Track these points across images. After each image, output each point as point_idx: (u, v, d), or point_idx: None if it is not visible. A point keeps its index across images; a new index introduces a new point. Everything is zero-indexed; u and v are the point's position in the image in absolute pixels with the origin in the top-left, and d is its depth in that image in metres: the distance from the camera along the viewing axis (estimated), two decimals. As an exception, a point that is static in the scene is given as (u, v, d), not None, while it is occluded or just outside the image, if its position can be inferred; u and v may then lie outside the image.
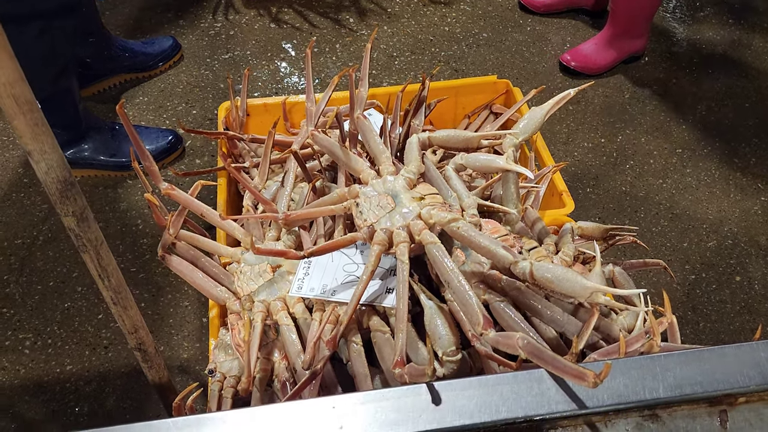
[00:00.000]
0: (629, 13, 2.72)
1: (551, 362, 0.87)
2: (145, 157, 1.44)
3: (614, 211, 2.37)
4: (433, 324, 1.09)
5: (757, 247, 2.27)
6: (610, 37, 2.81)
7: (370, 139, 1.36)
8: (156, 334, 1.97)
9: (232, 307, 1.38)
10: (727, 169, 2.52)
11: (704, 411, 0.86)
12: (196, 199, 1.44)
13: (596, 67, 2.83)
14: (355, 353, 1.21)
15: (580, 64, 2.82)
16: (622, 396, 0.85)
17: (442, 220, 1.14)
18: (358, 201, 1.23)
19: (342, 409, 0.85)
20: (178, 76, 2.80)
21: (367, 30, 3.03)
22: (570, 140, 2.60)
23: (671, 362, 0.88)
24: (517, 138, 1.28)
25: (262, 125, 2.04)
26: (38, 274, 2.12)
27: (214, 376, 1.36)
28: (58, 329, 1.99)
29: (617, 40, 2.80)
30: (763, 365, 0.89)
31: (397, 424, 0.83)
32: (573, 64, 2.83)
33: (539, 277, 1.02)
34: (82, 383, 1.87)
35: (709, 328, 2.05)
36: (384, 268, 1.27)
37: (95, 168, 2.38)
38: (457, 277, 1.06)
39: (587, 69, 2.83)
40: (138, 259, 2.16)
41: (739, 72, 2.93)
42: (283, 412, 0.86)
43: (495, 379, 0.87)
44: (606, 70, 2.87)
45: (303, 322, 1.29)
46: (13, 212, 2.29)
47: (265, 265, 1.37)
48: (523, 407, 0.84)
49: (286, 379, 1.28)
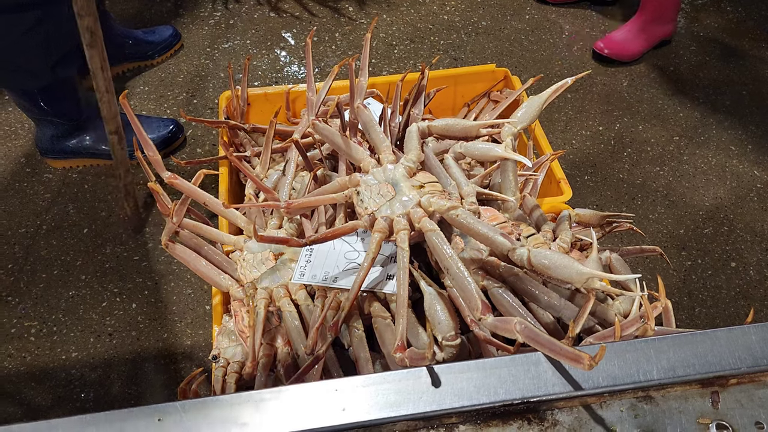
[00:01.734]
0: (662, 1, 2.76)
1: (548, 346, 0.90)
2: (148, 146, 1.46)
3: (612, 198, 2.39)
4: (433, 310, 1.11)
5: (752, 234, 2.29)
6: (642, 24, 2.84)
7: (371, 128, 1.37)
8: (159, 322, 2.00)
9: (235, 294, 1.40)
10: (724, 156, 2.54)
11: (696, 392, 0.88)
12: (199, 188, 1.46)
13: (629, 54, 2.86)
14: (357, 338, 1.23)
15: (613, 52, 2.85)
16: (616, 378, 0.87)
17: (441, 207, 1.17)
18: (359, 189, 1.25)
19: (344, 391, 0.88)
20: (178, 65, 2.81)
21: (367, 19, 3.04)
22: (568, 128, 2.62)
23: (665, 345, 0.91)
24: (516, 127, 1.29)
25: (262, 114, 2.06)
26: (42, 262, 2.14)
27: (218, 361, 1.38)
28: (63, 317, 2.01)
29: (649, 26, 2.83)
30: (753, 348, 0.91)
31: (398, 406, 0.86)
32: (606, 51, 2.85)
33: (537, 263, 1.04)
34: (88, 370, 1.90)
35: (704, 313, 2.08)
36: (384, 255, 1.29)
37: (98, 157, 2.40)
38: (457, 264, 1.08)
39: (621, 56, 2.85)
40: (141, 248, 2.18)
41: (736, 60, 2.94)
42: (288, 394, 0.88)
43: (493, 362, 0.90)
44: (638, 57, 2.90)
45: (305, 309, 1.32)
46: (17, 202, 2.31)
47: (267, 253, 1.39)
48: (520, 389, 0.87)
49: (289, 364, 1.30)
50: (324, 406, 0.86)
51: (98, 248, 2.19)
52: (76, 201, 2.31)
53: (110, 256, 2.17)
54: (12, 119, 2.58)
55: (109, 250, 2.18)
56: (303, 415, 0.85)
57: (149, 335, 1.98)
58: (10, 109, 2.62)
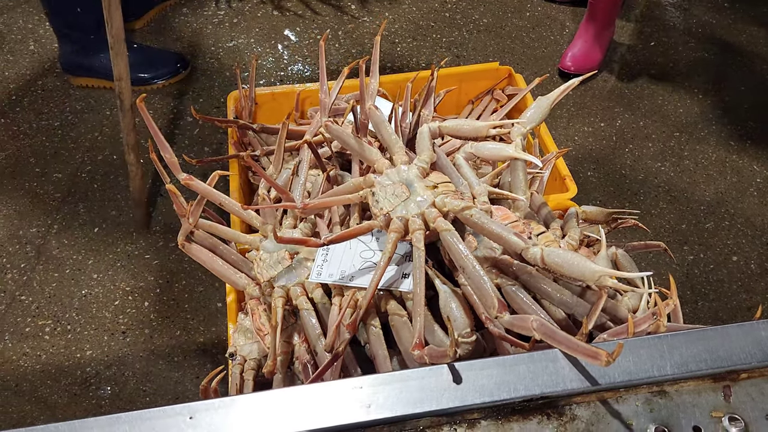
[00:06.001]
0: (611, 4, 2.75)
1: (565, 342, 0.93)
2: (165, 149, 1.48)
3: (614, 193, 2.42)
4: (448, 307, 1.14)
5: (753, 228, 2.33)
6: (595, 32, 2.82)
7: (383, 129, 1.40)
8: (172, 319, 2.03)
9: (252, 293, 1.43)
10: (724, 151, 2.58)
11: (709, 386, 0.92)
12: (215, 189, 1.49)
13: (594, 66, 2.85)
14: (374, 336, 1.26)
15: (579, 67, 2.82)
16: (632, 373, 0.91)
17: (455, 208, 1.19)
18: (374, 190, 1.28)
19: (368, 389, 0.91)
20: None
21: (369, 17, 3.06)
22: (570, 125, 2.65)
23: (677, 341, 0.94)
24: (525, 127, 1.32)
25: (270, 113, 2.09)
26: (54, 261, 2.17)
27: (235, 359, 1.41)
28: (76, 315, 2.04)
29: (602, 33, 2.83)
30: (763, 343, 0.94)
31: (422, 402, 0.89)
32: (573, 69, 2.82)
33: (550, 262, 1.07)
34: (102, 367, 1.93)
35: (707, 307, 2.11)
36: (399, 254, 1.32)
37: (110, 79, 2.50)
38: (472, 263, 1.11)
39: (588, 69, 2.83)
40: (152, 247, 2.21)
41: (734, 56, 2.98)
42: (313, 392, 0.91)
43: (512, 359, 0.93)
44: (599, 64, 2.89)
45: (322, 307, 1.34)
46: (27, 201, 2.33)
47: (283, 252, 1.42)
48: (539, 385, 0.90)
49: (307, 361, 1.33)
50: (349, 403, 0.89)
51: (109, 247, 2.21)
52: (85, 200, 2.34)
53: (121, 254, 2.19)
54: (18, 119, 2.60)
55: (120, 249, 2.21)
56: (329, 412, 0.89)
57: (162, 333, 2.01)
58: (18, 109, 2.64)
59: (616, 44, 3.00)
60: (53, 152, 2.48)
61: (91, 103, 2.65)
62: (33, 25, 2.96)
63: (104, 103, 2.66)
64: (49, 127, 2.57)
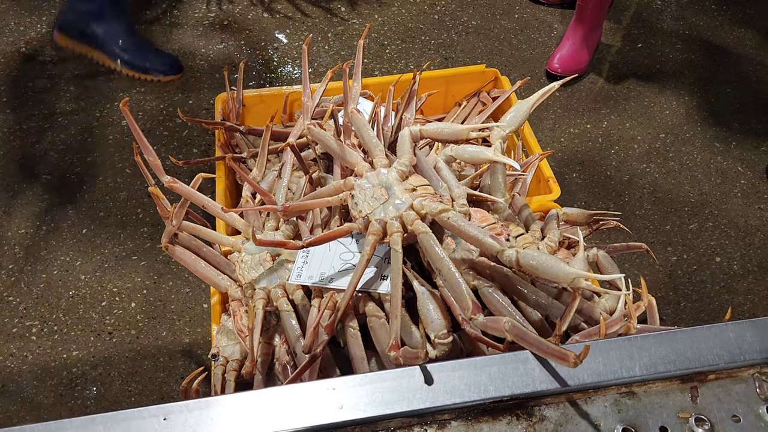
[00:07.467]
0: (599, 6, 2.76)
1: (535, 344, 0.94)
2: (148, 151, 1.49)
3: (599, 195, 2.44)
4: (426, 309, 1.16)
5: (736, 229, 2.35)
6: (583, 34, 2.84)
7: (364, 133, 1.41)
8: (158, 320, 2.04)
9: (233, 295, 1.44)
10: (709, 153, 2.60)
11: (677, 387, 0.93)
12: (197, 191, 1.50)
13: (583, 67, 2.88)
14: (352, 337, 1.27)
15: (567, 69, 2.84)
16: (601, 375, 0.92)
17: (433, 210, 1.21)
18: (354, 193, 1.29)
19: (342, 390, 0.92)
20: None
21: (359, 19, 3.08)
22: (557, 126, 2.67)
23: (646, 343, 0.96)
24: (504, 131, 1.34)
25: (257, 115, 2.10)
26: (42, 262, 2.18)
27: (217, 360, 1.42)
28: (63, 316, 2.05)
29: (590, 34, 2.84)
30: (731, 344, 0.96)
31: (393, 403, 0.90)
32: (560, 71, 2.84)
33: (525, 264, 1.08)
34: (89, 368, 1.94)
35: (689, 307, 2.13)
36: (378, 256, 1.33)
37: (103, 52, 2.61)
38: (448, 265, 1.13)
39: (576, 71, 2.85)
40: (139, 248, 2.22)
41: (721, 58, 2.99)
42: (287, 393, 0.93)
43: (483, 361, 0.94)
44: (587, 66, 2.91)
45: (302, 308, 1.36)
46: (16, 202, 2.34)
47: (265, 254, 1.43)
48: (509, 386, 0.91)
49: (287, 362, 1.34)
50: (322, 405, 0.91)
51: (97, 248, 2.22)
52: (74, 202, 2.35)
53: (108, 256, 2.20)
54: (9, 121, 2.61)
55: (108, 250, 2.22)
56: (302, 413, 0.90)
57: (148, 333, 2.02)
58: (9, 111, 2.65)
59: (604, 46, 3.02)
60: (42, 153, 2.49)
61: (81, 105, 2.66)
62: (24, 27, 2.96)
63: (94, 105, 2.66)
64: (38, 128, 2.58)
